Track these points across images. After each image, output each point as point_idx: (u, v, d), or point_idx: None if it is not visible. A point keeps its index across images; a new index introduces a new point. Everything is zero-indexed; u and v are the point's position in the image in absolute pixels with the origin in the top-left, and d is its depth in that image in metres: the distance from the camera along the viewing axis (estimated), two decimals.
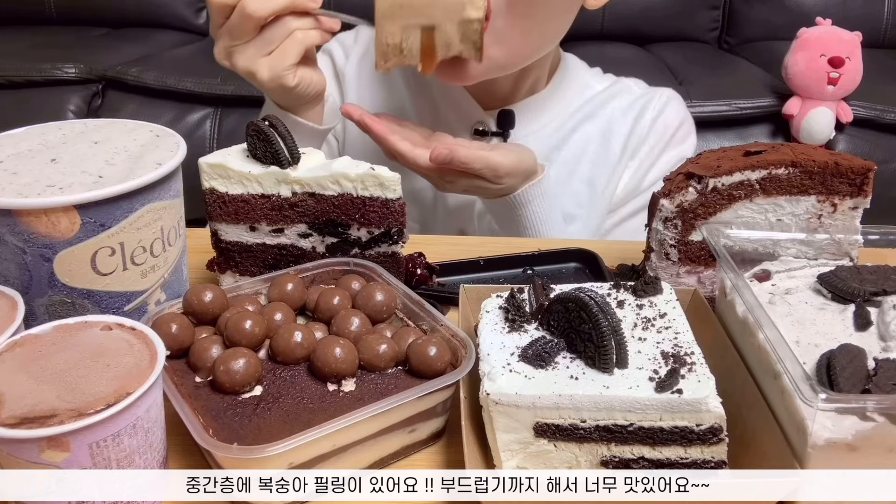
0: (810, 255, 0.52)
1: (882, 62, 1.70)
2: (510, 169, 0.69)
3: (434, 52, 0.65)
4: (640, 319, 0.44)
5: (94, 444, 0.35)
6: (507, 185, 0.70)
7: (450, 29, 0.63)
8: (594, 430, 0.40)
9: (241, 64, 0.63)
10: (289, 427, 0.39)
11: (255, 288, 0.50)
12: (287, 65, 0.62)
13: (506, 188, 0.71)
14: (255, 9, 0.60)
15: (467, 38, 0.63)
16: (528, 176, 0.72)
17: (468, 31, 0.63)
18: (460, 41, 0.63)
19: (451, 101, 0.85)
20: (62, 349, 0.39)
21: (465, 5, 0.60)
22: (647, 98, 0.86)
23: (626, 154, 0.84)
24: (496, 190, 0.71)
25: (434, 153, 0.65)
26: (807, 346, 0.42)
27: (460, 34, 0.63)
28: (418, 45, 0.64)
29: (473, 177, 0.68)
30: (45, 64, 1.63)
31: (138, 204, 0.45)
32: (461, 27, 0.62)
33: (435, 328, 0.46)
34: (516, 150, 0.71)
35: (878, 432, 0.37)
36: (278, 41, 0.62)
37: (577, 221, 0.83)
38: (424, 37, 0.63)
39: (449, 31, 0.63)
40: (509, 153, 0.70)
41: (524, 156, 0.71)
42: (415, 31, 0.63)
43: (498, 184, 0.69)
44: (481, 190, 0.71)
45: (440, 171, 0.67)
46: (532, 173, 0.73)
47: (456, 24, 0.62)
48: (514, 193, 0.72)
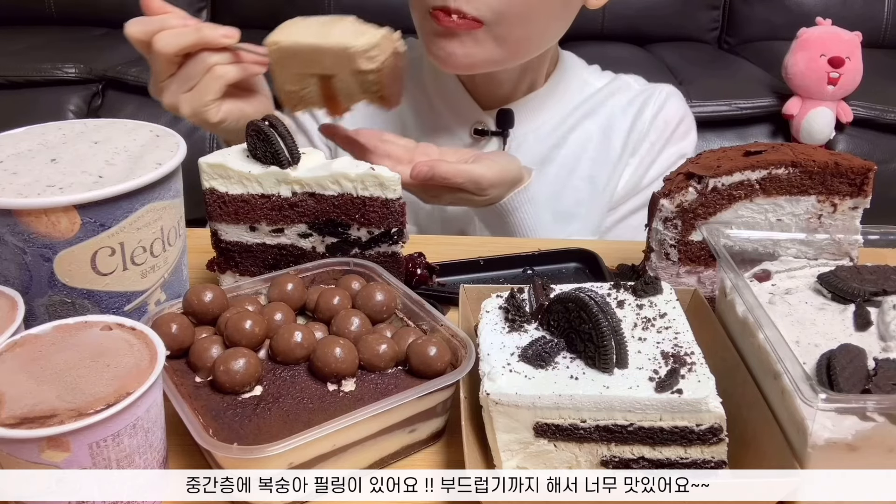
0: (810, 255, 0.52)
1: (882, 62, 1.70)
2: (494, 180, 0.68)
3: (337, 100, 0.61)
4: (640, 319, 0.44)
5: (94, 444, 0.35)
6: (492, 195, 0.70)
7: (347, 79, 0.58)
8: (594, 430, 0.40)
9: (165, 100, 0.63)
10: (289, 427, 0.39)
11: (255, 288, 0.50)
12: (207, 100, 0.61)
13: (492, 198, 0.71)
14: (162, 46, 0.59)
15: (366, 88, 0.59)
16: (513, 184, 0.72)
17: (365, 83, 0.58)
18: (360, 91, 0.59)
19: (450, 101, 0.85)
20: (62, 349, 0.39)
21: (355, 57, 0.55)
22: (646, 94, 0.86)
23: (627, 151, 0.84)
24: (482, 201, 0.70)
25: (415, 170, 0.64)
26: (807, 346, 0.42)
27: (358, 84, 0.58)
28: (318, 93, 0.60)
29: (457, 190, 0.67)
30: (45, 64, 1.63)
31: (138, 204, 0.45)
32: (357, 78, 0.58)
33: (435, 328, 0.46)
34: (500, 161, 0.71)
35: (877, 432, 0.37)
36: (197, 77, 0.61)
37: (578, 219, 0.83)
38: (323, 85, 0.60)
39: (348, 81, 0.58)
40: (493, 164, 0.69)
41: (508, 165, 0.71)
42: (311, 79, 0.59)
43: (482, 195, 0.69)
44: (467, 202, 0.71)
45: (423, 187, 0.67)
46: (518, 181, 0.72)
47: (351, 75, 0.58)
48: (501, 202, 0.72)
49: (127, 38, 0.61)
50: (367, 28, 0.58)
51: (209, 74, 0.61)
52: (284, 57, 0.59)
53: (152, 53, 0.60)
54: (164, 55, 0.60)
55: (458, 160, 0.72)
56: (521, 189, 0.72)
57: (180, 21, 0.61)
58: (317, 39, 0.57)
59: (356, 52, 0.55)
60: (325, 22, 0.60)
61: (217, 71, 0.61)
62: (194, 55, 0.61)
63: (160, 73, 0.62)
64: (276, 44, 0.58)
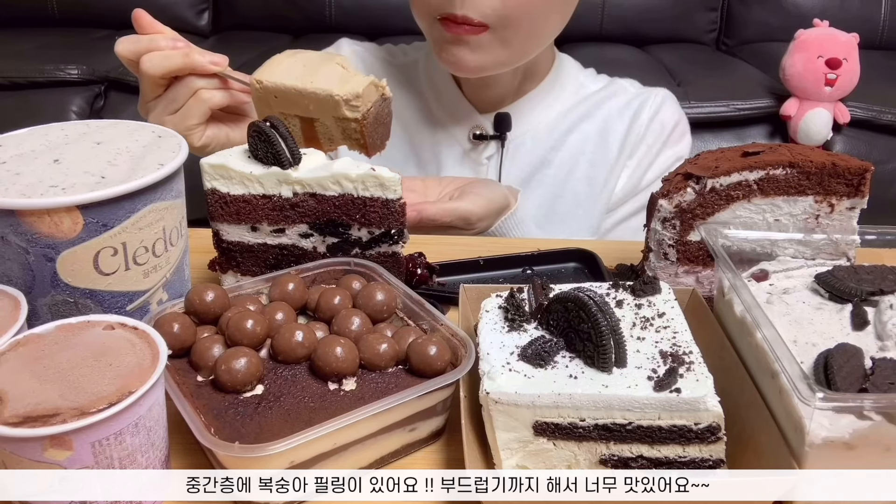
0: (808, 255, 0.52)
1: (879, 63, 1.70)
2: (481, 214, 0.69)
3: (318, 141, 0.60)
4: (638, 319, 0.45)
5: (96, 443, 0.36)
6: (480, 228, 0.71)
7: (329, 124, 0.58)
8: (593, 429, 0.40)
9: (150, 120, 0.63)
10: (290, 426, 0.39)
11: (257, 288, 0.50)
12: (190, 124, 0.61)
13: (481, 230, 0.72)
14: (149, 67, 0.60)
15: (347, 135, 0.58)
16: (500, 212, 0.73)
17: (347, 129, 0.58)
18: (342, 137, 0.59)
19: (448, 107, 0.85)
20: (65, 348, 0.39)
21: (339, 105, 0.55)
22: (642, 98, 0.86)
23: (624, 153, 0.85)
24: (471, 233, 0.71)
25: None
26: (804, 346, 0.42)
27: (340, 130, 0.58)
28: (300, 133, 0.60)
29: (447, 227, 0.68)
30: (48, 65, 1.63)
31: (140, 204, 0.45)
32: (340, 125, 0.58)
33: (435, 328, 0.47)
34: (485, 192, 0.71)
35: (874, 431, 0.37)
36: (182, 101, 0.61)
37: (577, 221, 0.84)
38: (305, 126, 0.59)
39: (329, 126, 0.58)
40: (478, 198, 0.70)
41: (493, 195, 0.72)
42: (293, 119, 0.59)
43: (472, 229, 0.70)
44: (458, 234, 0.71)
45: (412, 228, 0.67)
46: (504, 207, 0.73)
47: (333, 121, 0.57)
48: (491, 229, 0.73)
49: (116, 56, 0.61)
50: (353, 75, 0.57)
51: (194, 98, 0.61)
52: (267, 96, 0.59)
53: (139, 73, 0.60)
54: (150, 77, 0.60)
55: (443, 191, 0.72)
56: (508, 215, 0.73)
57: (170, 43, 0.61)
58: (301, 83, 0.56)
59: (339, 100, 0.55)
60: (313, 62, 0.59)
61: (202, 95, 0.61)
62: (181, 78, 0.61)
63: (146, 93, 0.62)
64: (260, 83, 0.58)
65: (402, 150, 0.87)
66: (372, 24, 1.89)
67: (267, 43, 1.76)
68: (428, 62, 0.88)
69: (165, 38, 0.61)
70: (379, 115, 0.58)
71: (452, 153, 0.85)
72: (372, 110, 0.56)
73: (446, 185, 0.74)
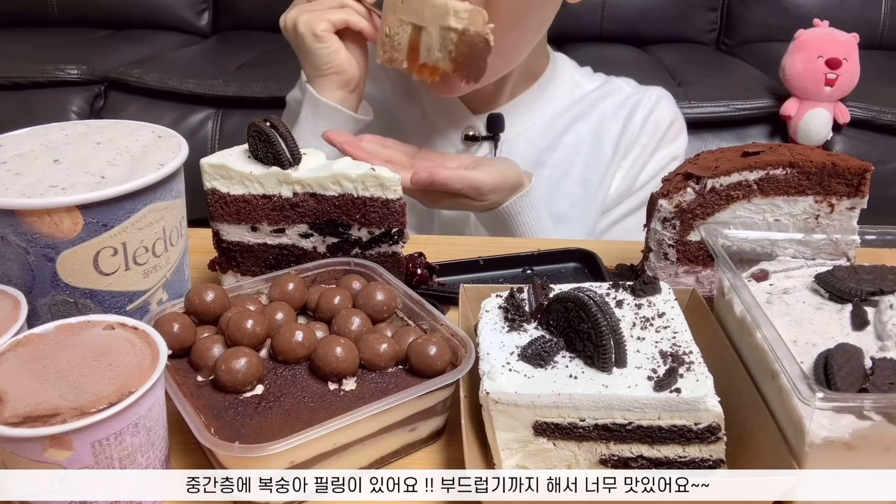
0: (808, 255, 0.52)
1: (879, 63, 1.70)
2: (493, 186, 0.69)
3: (418, 52, 0.67)
4: (638, 319, 0.45)
5: (96, 443, 0.36)
6: (491, 201, 0.71)
7: (434, 33, 0.65)
8: (593, 429, 0.40)
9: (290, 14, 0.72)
10: (290, 426, 0.39)
11: (257, 288, 0.50)
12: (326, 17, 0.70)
13: (491, 204, 0.71)
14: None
15: (444, 47, 0.65)
16: (514, 189, 0.73)
17: (445, 41, 0.64)
18: (439, 49, 0.65)
19: (441, 107, 0.85)
20: (65, 348, 0.39)
21: (448, 13, 0.62)
22: (637, 97, 0.86)
23: (619, 153, 0.84)
24: (481, 206, 0.71)
25: (414, 177, 0.65)
26: (804, 346, 0.42)
27: (440, 42, 0.64)
28: (407, 42, 0.66)
29: (457, 196, 0.68)
30: (48, 65, 1.63)
31: (140, 204, 0.46)
32: (442, 34, 0.64)
33: (435, 328, 0.47)
34: (499, 166, 0.72)
35: (874, 431, 0.37)
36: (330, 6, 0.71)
37: (572, 222, 0.84)
38: (413, 35, 0.66)
39: (433, 35, 0.65)
40: (492, 170, 0.70)
41: (508, 170, 0.72)
42: (406, 26, 0.67)
43: (482, 201, 0.70)
44: (467, 206, 0.71)
45: (423, 192, 0.68)
46: (518, 186, 0.73)
47: (438, 30, 0.64)
48: (503, 206, 0.72)
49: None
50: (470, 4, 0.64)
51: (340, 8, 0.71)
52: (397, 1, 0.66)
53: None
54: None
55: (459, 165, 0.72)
56: (522, 194, 0.73)
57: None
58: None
59: (451, 7, 0.62)
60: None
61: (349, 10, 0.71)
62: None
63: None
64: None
65: None
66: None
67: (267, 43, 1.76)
68: None
69: None
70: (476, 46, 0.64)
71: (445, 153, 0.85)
72: (472, 34, 0.63)
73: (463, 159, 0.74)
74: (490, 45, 0.65)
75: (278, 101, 0.75)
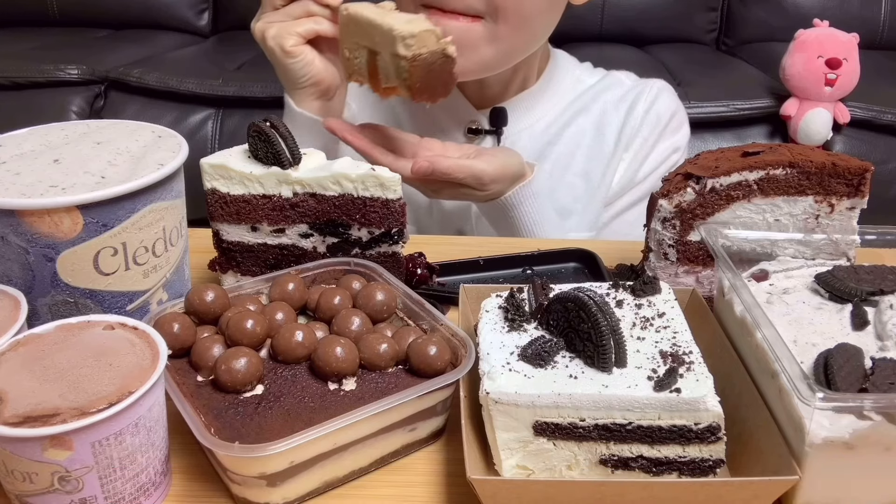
0: (808, 255, 0.52)
1: (879, 63, 1.70)
2: (495, 176, 0.69)
3: (378, 77, 0.63)
4: (638, 319, 0.45)
5: (96, 443, 0.36)
6: (493, 190, 0.71)
7: (387, 59, 0.60)
8: (593, 429, 0.40)
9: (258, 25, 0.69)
10: (290, 426, 0.39)
11: (257, 288, 0.50)
12: (294, 30, 0.67)
13: (493, 193, 0.71)
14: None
15: (398, 73, 0.60)
16: (515, 179, 0.72)
17: (398, 67, 0.59)
18: (395, 75, 0.60)
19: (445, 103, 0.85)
20: (65, 348, 0.39)
21: (395, 40, 0.57)
22: (638, 90, 0.86)
23: (621, 146, 0.84)
24: (483, 196, 0.71)
25: (415, 166, 0.65)
26: (804, 346, 0.42)
27: (394, 68, 0.60)
28: (365, 66, 0.63)
29: (458, 185, 0.68)
30: (48, 65, 1.63)
31: (140, 204, 0.46)
32: (394, 61, 0.59)
33: (435, 328, 0.47)
34: (501, 156, 0.71)
35: (875, 431, 0.37)
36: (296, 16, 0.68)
37: (574, 215, 0.84)
38: (370, 59, 0.62)
39: (387, 61, 0.60)
40: (493, 160, 0.70)
41: (509, 160, 0.71)
42: (362, 50, 0.63)
43: (484, 190, 0.70)
44: (468, 196, 0.71)
45: (424, 182, 0.68)
46: (520, 176, 0.73)
47: (390, 56, 0.59)
48: (505, 196, 0.72)
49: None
50: (422, 22, 0.60)
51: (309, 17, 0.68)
52: (348, 23, 0.63)
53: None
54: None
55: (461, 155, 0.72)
56: (524, 184, 0.73)
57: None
58: (374, 16, 0.60)
59: (397, 35, 0.57)
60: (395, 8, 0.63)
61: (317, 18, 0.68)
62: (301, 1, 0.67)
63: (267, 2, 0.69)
64: (346, 10, 0.63)
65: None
66: None
67: None
68: None
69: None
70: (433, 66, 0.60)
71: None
72: (426, 56, 0.58)
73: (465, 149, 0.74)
74: (452, 57, 0.60)
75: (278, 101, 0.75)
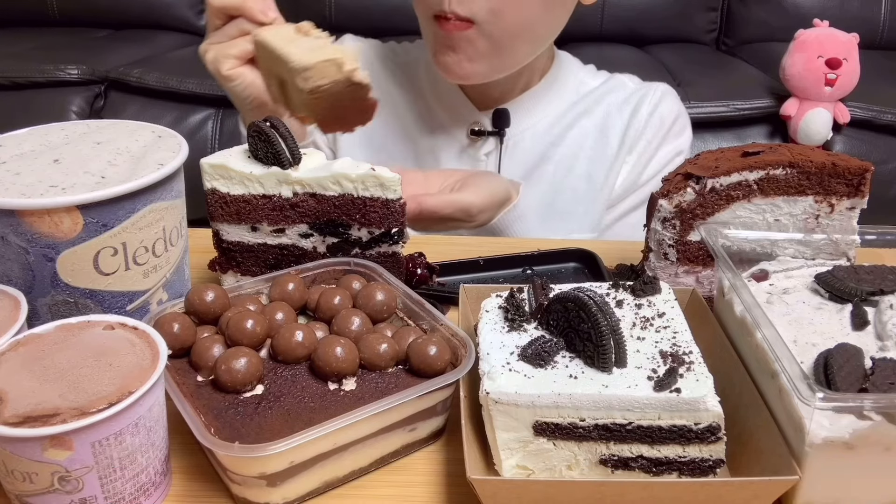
0: (808, 255, 0.52)
1: (879, 63, 1.70)
2: (482, 206, 0.70)
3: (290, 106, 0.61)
4: (638, 319, 0.45)
5: (96, 443, 0.36)
6: (481, 220, 0.71)
7: (293, 90, 0.57)
8: (593, 429, 0.40)
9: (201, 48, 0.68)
10: (290, 426, 0.39)
11: (257, 288, 0.50)
12: (227, 53, 0.65)
13: (481, 222, 0.72)
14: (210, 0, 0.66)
15: (304, 104, 0.57)
16: (502, 204, 0.73)
17: (303, 99, 0.56)
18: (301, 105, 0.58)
19: (447, 102, 0.85)
20: (65, 348, 0.39)
21: (297, 73, 0.54)
22: (642, 93, 0.86)
23: (624, 149, 0.85)
24: (472, 226, 0.71)
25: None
26: (804, 346, 0.42)
27: (299, 98, 0.57)
28: (279, 94, 0.61)
29: (447, 219, 0.68)
30: (48, 65, 1.63)
31: (140, 204, 0.46)
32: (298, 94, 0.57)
33: (435, 328, 0.47)
34: (486, 185, 0.71)
35: (875, 431, 0.37)
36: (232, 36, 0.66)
37: (577, 217, 0.84)
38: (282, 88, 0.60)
39: (294, 92, 0.57)
40: (479, 190, 0.70)
41: (495, 187, 0.72)
42: (273, 78, 0.61)
43: (472, 221, 0.70)
44: (457, 227, 0.71)
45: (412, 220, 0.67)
46: (506, 200, 0.73)
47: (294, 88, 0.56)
48: (492, 222, 0.73)
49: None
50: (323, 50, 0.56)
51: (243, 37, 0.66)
52: (260, 50, 0.62)
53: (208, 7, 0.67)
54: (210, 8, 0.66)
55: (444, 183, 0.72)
56: (509, 209, 0.73)
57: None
58: (279, 45, 0.58)
59: (293, 67, 0.55)
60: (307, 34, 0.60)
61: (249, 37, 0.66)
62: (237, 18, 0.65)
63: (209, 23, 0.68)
64: (257, 36, 0.61)
65: (400, 147, 0.87)
66: (372, 25, 1.89)
67: None
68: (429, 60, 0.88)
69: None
70: (339, 95, 0.56)
71: (450, 149, 0.86)
72: (328, 87, 0.55)
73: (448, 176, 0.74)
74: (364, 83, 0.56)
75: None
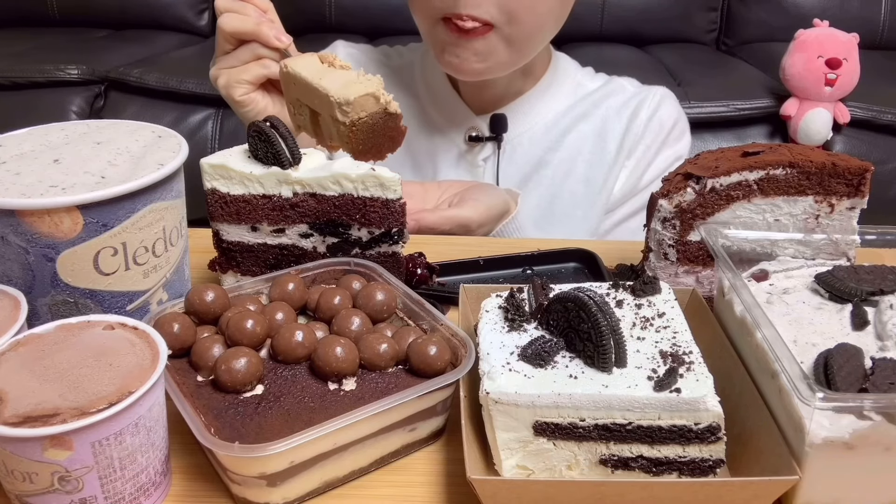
0: (808, 255, 0.52)
1: (879, 63, 1.70)
2: (481, 221, 0.70)
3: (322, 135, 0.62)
4: (638, 319, 0.45)
5: (96, 443, 0.36)
6: (480, 234, 0.71)
7: (328, 121, 0.58)
8: (593, 429, 0.40)
9: (212, 71, 0.69)
10: (290, 426, 0.39)
11: (257, 288, 0.50)
12: (241, 78, 0.66)
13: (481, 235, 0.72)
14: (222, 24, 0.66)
15: (340, 136, 0.58)
16: (500, 217, 0.73)
17: (340, 131, 0.57)
18: (336, 136, 0.59)
19: (444, 108, 0.85)
20: (65, 348, 0.39)
21: (334, 106, 0.56)
22: (641, 97, 0.86)
23: (623, 153, 0.84)
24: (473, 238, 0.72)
25: None
26: (804, 346, 0.42)
27: (335, 131, 0.58)
28: (309, 124, 0.62)
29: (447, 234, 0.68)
30: (48, 65, 1.63)
31: (140, 204, 0.46)
32: (334, 125, 0.58)
33: (435, 328, 0.47)
34: (484, 199, 0.72)
35: (874, 431, 0.37)
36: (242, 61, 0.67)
37: (575, 221, 0.84)
38: (313, 118, 0.61)
39: (328, 123, 0.59)
40: (478, 204, 0.70)
41: (493, 200, 0.72)
42: (304, 108, 0.61)
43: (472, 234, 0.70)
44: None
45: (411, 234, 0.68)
46: (505, 212, 0.73)
47: (330, 120, 0.58)
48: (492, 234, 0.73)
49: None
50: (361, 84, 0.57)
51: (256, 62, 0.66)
52: (289, 81, 0.62)
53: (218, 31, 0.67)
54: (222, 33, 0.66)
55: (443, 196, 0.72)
56: (508, 220, 0.73)
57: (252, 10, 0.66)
58: (311, 77, 0.58)
59: (333, 101, 0.56)
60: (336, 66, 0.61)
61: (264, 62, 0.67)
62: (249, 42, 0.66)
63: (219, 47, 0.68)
64: (286, 66, 0.61)
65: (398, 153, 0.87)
66: (372, 25, 1.89)
67: None
68: (424, 64, 0.88)
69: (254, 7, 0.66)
70: (375, 126, 0.58)
71: (448, 155, 0.85)
72: (366, 120, 0.57)
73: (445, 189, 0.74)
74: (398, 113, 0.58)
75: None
